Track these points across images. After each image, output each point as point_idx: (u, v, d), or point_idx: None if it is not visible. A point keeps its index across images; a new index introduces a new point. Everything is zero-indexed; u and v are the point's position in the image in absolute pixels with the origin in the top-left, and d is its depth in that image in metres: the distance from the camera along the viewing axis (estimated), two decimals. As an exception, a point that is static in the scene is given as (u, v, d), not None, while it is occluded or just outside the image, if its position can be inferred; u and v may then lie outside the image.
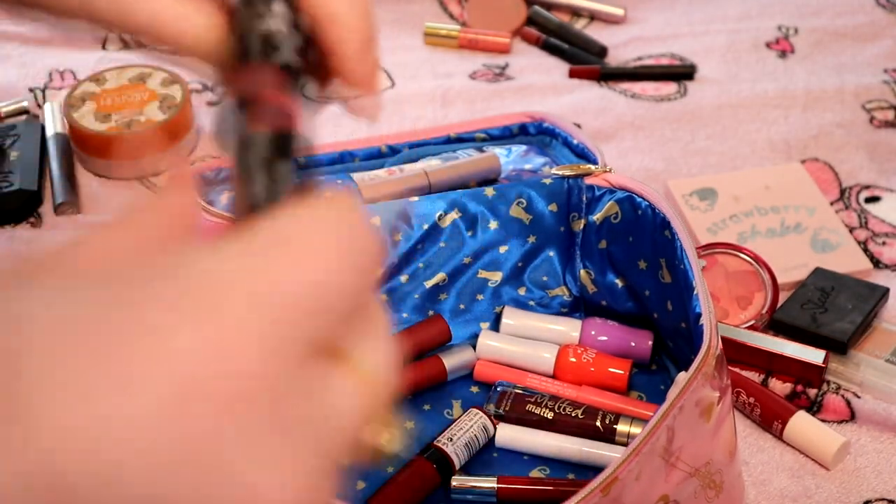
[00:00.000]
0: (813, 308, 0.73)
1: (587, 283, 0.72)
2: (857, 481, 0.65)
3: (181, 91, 0.87)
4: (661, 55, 1.01)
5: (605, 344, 0.69)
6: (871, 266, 0.79)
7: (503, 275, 0.73)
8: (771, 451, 0.66)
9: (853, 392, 0.69)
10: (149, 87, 0.88)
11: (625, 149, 0.90)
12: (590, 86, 0.97)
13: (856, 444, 0.66)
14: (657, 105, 0.95)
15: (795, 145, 0.90)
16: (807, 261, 0.78)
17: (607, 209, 0.70)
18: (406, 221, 0.67)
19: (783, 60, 1.01)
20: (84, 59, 0.98)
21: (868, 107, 0.94)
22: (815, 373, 0.69)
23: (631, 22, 1.06)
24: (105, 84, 0.88)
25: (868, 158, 0.89)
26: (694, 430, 0.54)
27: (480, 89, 0.97)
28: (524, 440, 0.64)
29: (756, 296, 0.74)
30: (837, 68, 0.98)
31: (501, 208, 0.72)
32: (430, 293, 0.72)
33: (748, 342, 0.70)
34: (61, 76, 0.96)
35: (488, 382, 0.68)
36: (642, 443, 0.50)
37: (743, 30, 1.04)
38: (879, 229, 0.82)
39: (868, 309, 0.73)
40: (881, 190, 0.86)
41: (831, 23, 1.04)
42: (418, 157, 0.79)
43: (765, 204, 0.83)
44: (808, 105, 0.94)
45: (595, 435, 0.63)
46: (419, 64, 1.00)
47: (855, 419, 0.68)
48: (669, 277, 0.66)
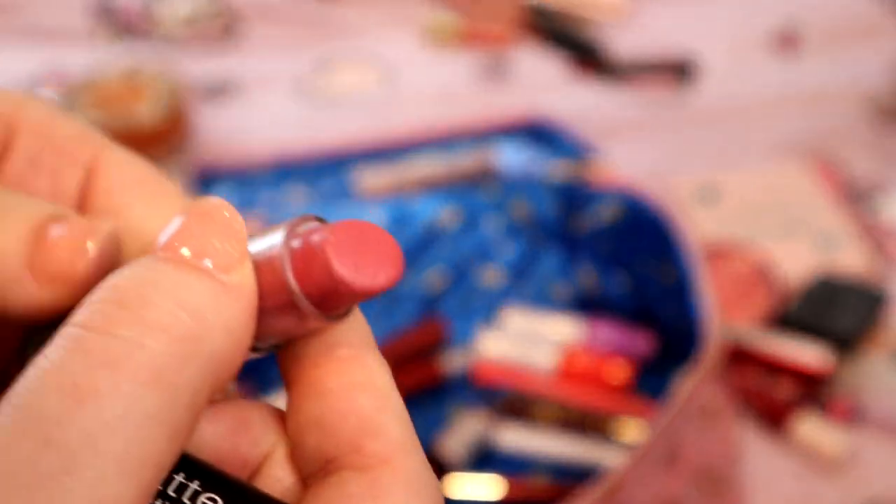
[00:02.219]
0: (818, 308, 0.72)
1: (588, 282, 0.72)
2: (862, 482, 0.64)
3: (176, 88, 0.87)
4: (664, 52, 1.01)
5: (607, 344, 0.69)
6: (877, 265, 0.78)
7: (503, 275, 0.72)
8: (775, 452, 0.66)
9: (858, 392, 0.69)
10: (143, 84, 0.87)
11: (626, 147, 0.89)
12: (592, 83, 0.97)
13: (861, 445, 0.66)
14: (659, 103, 0.94)
15: (800, 143, 0.90)
16: (811, 260, 0.77)
17: (609, 208, 0.69)
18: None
19: (788, 57, 1.00)
20: (75, 57, 0.97)
21: (874, 105, 0.93)
22: (819, 373, 0.68)
23: (634, 18, 1.06)
24: (98, 81, 0.88)
25: (874, 157, 0.88)
26: (696, 431, 0.53)
27: (480, 87, 0.96)
28: (525, 441, 0.64)
29: (760, 295, 0.74)
30: (843, 66, 0.98)
31: (502, 207, 0.71)
32: (430, 293, 0.71)
33: (752, 343, 0.70)
34: (53, 73, 0.96)
35: (488, 383, 0.68)
36: (644, 444, 0.50)
37: (747, 27, 1.04)
38: (885, 228, 0.81)
39: (873, 309, 0.72)
40: (887, 188, 0.85)
41: (837, 20, 1.03)
42: (418, 157, 0.78)
43: (769, 203, 0.82)
44: (813, 103, 0.93)
45: (596, 436, 0.63)
46: (419, 62, 1.00)
47: (860, 419, 0.67)
48: (671, 277, 0.65)
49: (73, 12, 1.04)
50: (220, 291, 0.17)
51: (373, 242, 0.18)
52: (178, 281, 0.17)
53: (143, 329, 0.16)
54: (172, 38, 1.02)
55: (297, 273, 0.18)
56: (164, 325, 0.16)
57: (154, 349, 0.16)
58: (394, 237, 0.19)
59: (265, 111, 0.94)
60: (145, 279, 0.17)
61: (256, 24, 1.04)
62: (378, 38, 1.03)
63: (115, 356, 0.16)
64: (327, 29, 1.04)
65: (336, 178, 0.78)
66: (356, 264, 0.18)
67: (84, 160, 0.22)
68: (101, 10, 1.05)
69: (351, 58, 1.00)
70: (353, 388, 0.19)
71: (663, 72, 0.98)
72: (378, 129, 0.85)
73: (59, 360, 0.16)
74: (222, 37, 1.03)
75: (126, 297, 0.16)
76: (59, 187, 0.22)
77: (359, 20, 1.05)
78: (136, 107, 0.85)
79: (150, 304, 0.16)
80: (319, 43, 1.02)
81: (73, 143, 0.22)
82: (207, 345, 0.17)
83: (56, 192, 0.22)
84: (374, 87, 0.97)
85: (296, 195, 0.76)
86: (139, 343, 0.16)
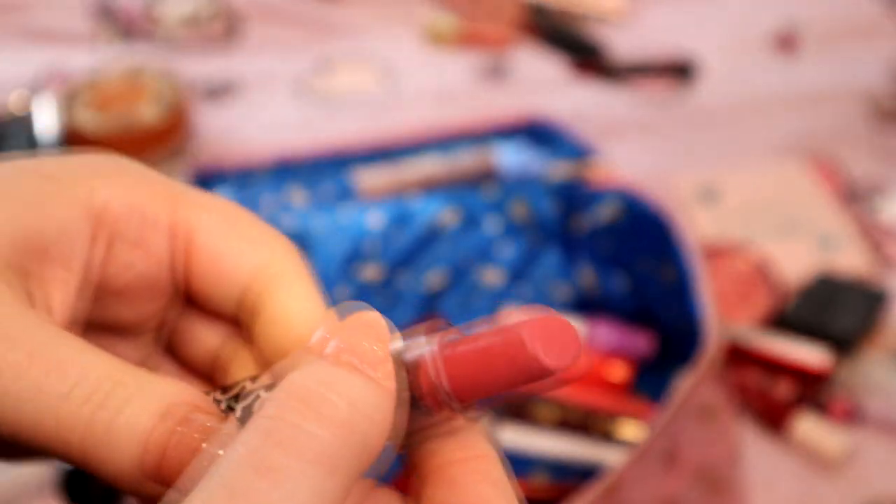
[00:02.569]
0: (818, 308, 0.72)
1: (588, 282, 0.72)
2: (861, 482, 0.64)
3: (176, 88, 0.87)
4: (664, 52, 1.01)
5: (607, 344, 0.69)
6: (877, 266, 0.78)
7: (503, 275, 0.72)
8: (775, 452, 0.66)
9: (858, 392, 0.69)
10: (144, 84, 0.87)
11: (626, 147, 0.89)
12: (592, 83, 0.97)
13: (861, 445, 0.66)
14: (659, 103, 0.94)
15: (800, 143, 0.90)
16: (812, 260, 0.77)
17: (608, 208, 0.69)
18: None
19: (787, 58, 1.00)
20: (76, 57, 0.97)
21: (873, 105, 0.93)
22: (819, 374, 0.68)
23: (634, 18, 1.06)
24: (100, 81, 0.88)
25: (874, 157, 0.88)
26: (697, 432, 0.53)
27: (480, 87, 0.97)
28: (525, 441, 0.64)
29: (760, 295, 0.74)
30: (842, 66, 0.98)
31: (502, 207, 0.71)
32: (430, 293, 0.71)
33: (752, 342, 0.70)
34: (55, 74, 0.96)
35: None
36: (644, 445, 0.50)
37: (747, 27, 1.04)
38: (884, 228, 0.82)
39: (873, 309, 0.72)
40: (887, 188, 0.85)
41: (837, 20, 1.03)
42: (418, 156, 0.79)
43: (769, 203, 0.82)
44: (812, 103, 0.93)
45: (597, 436, 0.63)
46: (419, 61, 1.00)
47: (860, 420, 0.68)
48: (672, 277, 0.65)
49: (74, 13, 1.04)
50: (370, 386, 0.20)
51: (557, 331, 0.20)
52: (340, 379, 0.20)
53: (321, 422, 0.19)
54: (173, 39, 1.02)
55: (449, 371, 0.21)
56: (333, 417, 0.19)
57: (325, 437, 0.19)
58: (570, 324, 0.21)
59: (265, 111, 0.94)
60: (319, 379, 0.20)
61: (257, 25, 1.05)
62: (378, 38, 1.03)
63: (294, 443, 0.19)
64: (327, 29, 1.04)
65: (336, 179, 0.78)
66: (547, 350, 0.20)
67: (165, 223, 0.25)
68: (103, 11, 1.05)
69: (351, 58, 1.01)
70: (482, 482, 0.23)
71: (663, 72, 0.98)
72: (378, 129, 0.86)
73: (254, 445, 0.19)
74: (223, 37, 1.03)
75: (300, 397, 0.20)
76: (154, 260, 0.25)
77: (359, 20, 1.05)
78: (137, 107, 0.85)
79: (325, 401, 0.20)
80: (319, 43, 1.03)
81: (153, 208, 0.25)
82: (361, 433, 0.20)
83: (154, 266, 0.25)
84: (374, 87, 0.97)
85: (296, 195, 0.77)
86: (317, 433, 0.19)
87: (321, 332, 0.21)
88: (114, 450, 0.21)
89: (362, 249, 0.70)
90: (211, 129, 0.91)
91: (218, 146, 0.89)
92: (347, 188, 0.77)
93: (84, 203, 0.24)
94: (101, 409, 0.21)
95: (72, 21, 1.03)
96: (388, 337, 0.21)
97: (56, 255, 0.23)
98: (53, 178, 0.24)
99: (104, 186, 0.24)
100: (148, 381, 0.22)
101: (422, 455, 0.23)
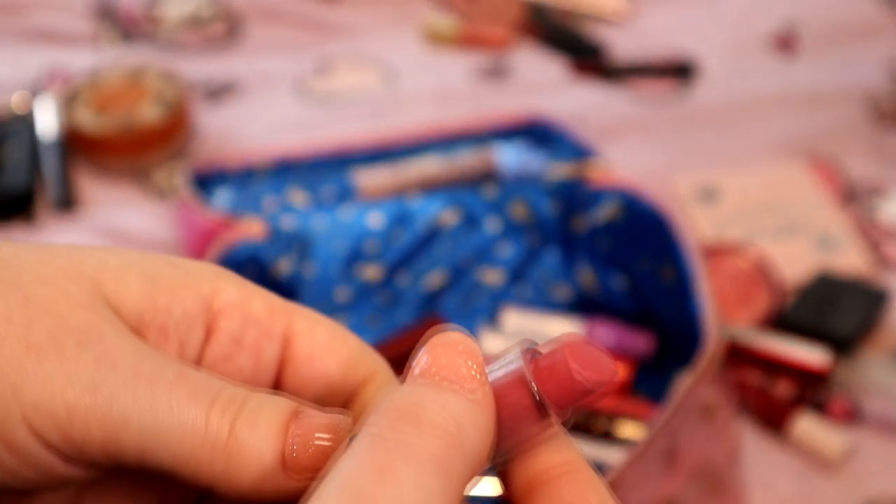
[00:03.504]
0: (817, 308, 0.72)
1: (588, 282, 0.72)
2: (861, 482, 0.64)
3: (177, 88, 0.87)
4: (664, 52, 1.01)
5: (607, 344, 0.69)
6: (877, 266, 0.78)
7: (503, 275, 0.72)
8: (775, 453, 0.66)
9: (857, 392, 0.69)
10: (144, 85, 0.88)
11: (627, 147, 0.89)
12: (592, 83, 0.97)
13: (861, 445, 0.66)
14: (660, 103, 0.94)
15: (800, 143, 0.90)
16: (811, 260, 0.77)
17: (608, 208, 0.69)
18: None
19: (787, 57, 1.00)
20: (77, 58, 0.98)
21: (873, 105, 0.93)
22: (819, 373, 0.68)
23: (633, 18, 1.06)
24: (100, 82, 0.88)
25: (873, 157, 0.88)
26: (696, 432, 0.53)
27: (480, 87, 0.97)
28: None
29: (759, 295, 0.74)
30: (842, 66, 0.98)
31: (502, 207, 0.71)
32: (430, 293, 0.71)
33: (752, 342, 0.70)
34: (56, 74, 0.96)
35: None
36: (644, 444, 0.50)
37: (746, 27, 1.04)
38: (885, 229, 0.82)
39: (873, 309, 0.72)
40: (886, 189, 0.85)
41: (836, 20, 1.04)
42: (418, 156, 0.79)
43: (769, 203, 0.82)
44: (812, 103, 0.93)
45: (596, 436, 0.63)
46: (419, 62, 1.00)
47: (859, 420, 0.68)
48: (671, 277, 0.65)
49: (75, 14, 1.05)
50: (470, 404, 0.22)
51: (591, 352, 0.23)
52: (439, 397, 0.22)
53: (421, 432, 0.21)
54: (174, 40, 1.02)
55: (541, 385, 0.23)
56: (436, 428, 0.21)
57: (431, 445, 0.21)
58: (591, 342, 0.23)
59: (265, 112, 0.94)
60: (414, 398, 0.22)
61: (257, 25, 1.05)
62: (378, 38, 1.03)
63: (405, 450, 0.20)
64: (327, 29, 1.04)
65: (336, 179, 0.78)
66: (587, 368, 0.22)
67: (279, 333, 0.27)
68: (104, 11, 1.05)
69: (351, 58, 1.01)
70: (588, 491, 0.24)
71: (663, 72, 0.98)
72: (378, 130, 0.86)
73: (363, 453, 0.20)
74: (223, 38, 1.03)
75: (405, 411, 0.21)
76: (261, 362, 0.27)
77: (359, 20, 1.05)
78: (138, 108, 0.85)
79: (423, 415, 0.21)
80: (319, 43, 1.03)
81: (268, 318, 0.27)
82: (467, 444, 0.21)
83: (258, 366, 0.27)
84: (374, 87, 0.97)
85: (296, 195, 0.77)
86: (419, 442, 0.21)
87: (424, 359, 0.23)
88: (253, 449, 0.23)
89: (362, 249, 0.70)
90: (211, 130, 0.91)
91: (218, 146, 0.89)
92: (348, 188, 0.77)
93: (207, 298, 0.26)
94: (242, 411, 0.23)
95: (72, 21, 1.03)
96: (481, 357, 0.23)
97: (173, 336, 0.26)
98: (183, 270, 0.26)
99: (227, 288, 0.27)
100: (265, 393, 0.24)
101: (520, 475, 0.25)
